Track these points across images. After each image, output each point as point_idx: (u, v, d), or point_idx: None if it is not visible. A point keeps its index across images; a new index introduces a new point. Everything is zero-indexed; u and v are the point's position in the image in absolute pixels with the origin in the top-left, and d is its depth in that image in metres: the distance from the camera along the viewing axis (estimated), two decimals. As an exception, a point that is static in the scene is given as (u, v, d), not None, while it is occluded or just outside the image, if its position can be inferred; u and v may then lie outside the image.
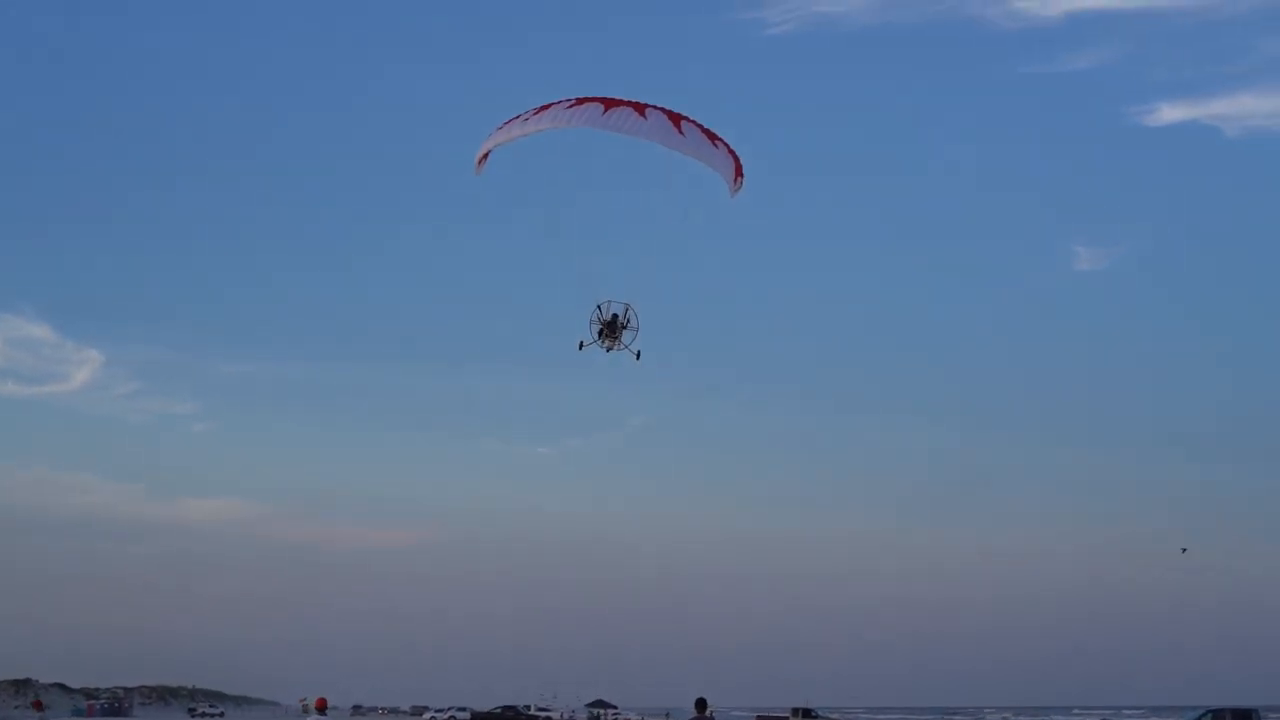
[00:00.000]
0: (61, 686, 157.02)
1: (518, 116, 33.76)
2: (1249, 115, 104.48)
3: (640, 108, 31.71)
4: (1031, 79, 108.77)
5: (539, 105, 33.33)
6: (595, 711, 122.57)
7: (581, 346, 38.18)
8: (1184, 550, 77.78)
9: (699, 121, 32.14)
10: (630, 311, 37.93)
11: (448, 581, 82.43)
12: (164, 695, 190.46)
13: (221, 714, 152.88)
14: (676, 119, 32.01)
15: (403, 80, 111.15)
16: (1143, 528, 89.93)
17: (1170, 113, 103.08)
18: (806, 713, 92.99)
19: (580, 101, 32.47)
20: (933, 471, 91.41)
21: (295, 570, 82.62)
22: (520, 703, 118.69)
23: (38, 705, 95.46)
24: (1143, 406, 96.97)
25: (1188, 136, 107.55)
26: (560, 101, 33.01)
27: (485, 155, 33.95)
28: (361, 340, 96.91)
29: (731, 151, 32.68)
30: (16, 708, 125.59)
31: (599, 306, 38.04)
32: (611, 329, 38.19)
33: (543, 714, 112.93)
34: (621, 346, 38.34)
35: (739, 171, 33.19)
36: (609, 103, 31.96)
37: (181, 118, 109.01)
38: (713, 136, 32.47)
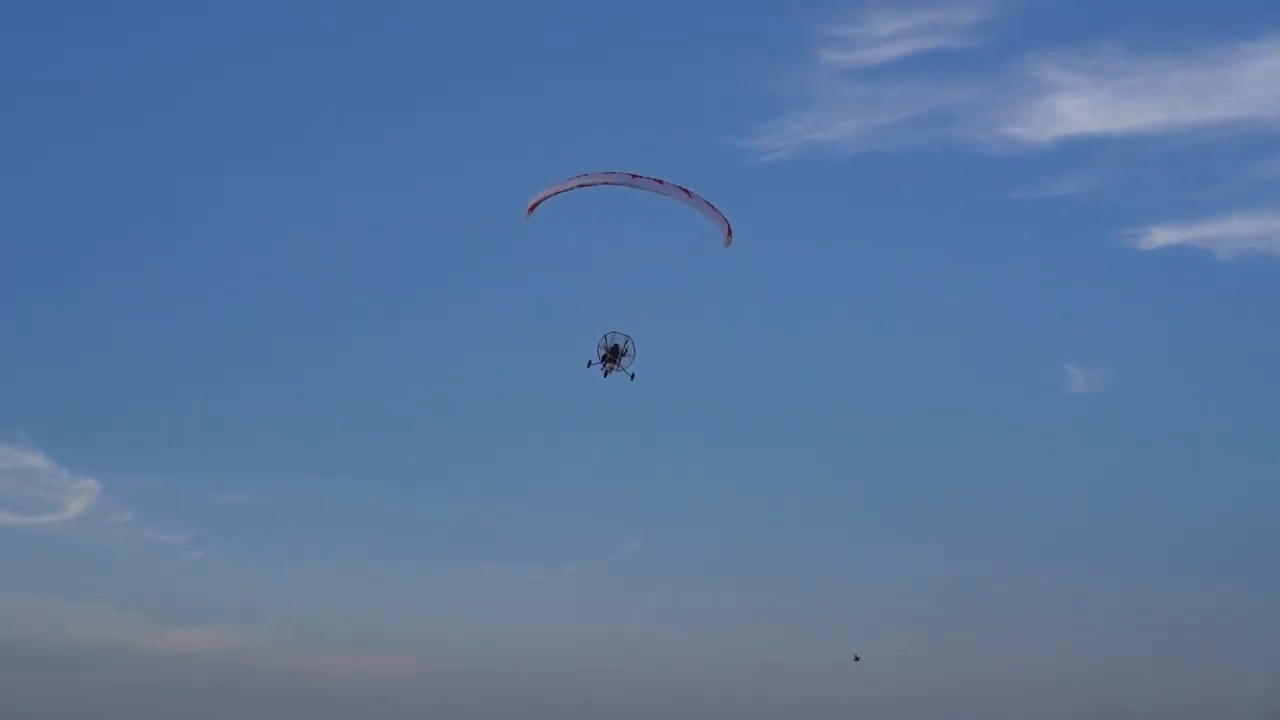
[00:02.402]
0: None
1: (562, 181, 43.79)
2: (1240, 238, 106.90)
3: (660, 180, 41.78)
4: (1022, 204, 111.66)
5: (577, 174, 43.34)
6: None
7: (590, 365, 47.67)
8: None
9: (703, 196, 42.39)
10: (630, 342, 47.51)
11: (445, 709, 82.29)
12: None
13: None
14: (688, 190, 42.14)
15: (387, 198, 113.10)
16: (1142, 651, 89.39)
17: (1162, 236, 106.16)
18: None
19: (611, 172, 42.52)
20: (932, 598, 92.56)
21: (289, 699, 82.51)
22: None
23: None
24: (1140, 527, 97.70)
25: (1180, 259, 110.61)
26: (594, 172, 43.05)
27: (534, 206, 43.85)
28: (356, 464, 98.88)
29: (726, 219, 42.89)
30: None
31: (605, 335, 47.61)
32: (614, 355, 47.73)
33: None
34: (619, 370, 47.91)
35: (730, 232, 43.43)
36: (635, 175, 42.07)
37: (176, 244, 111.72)
38: (714, 206, 42.62)
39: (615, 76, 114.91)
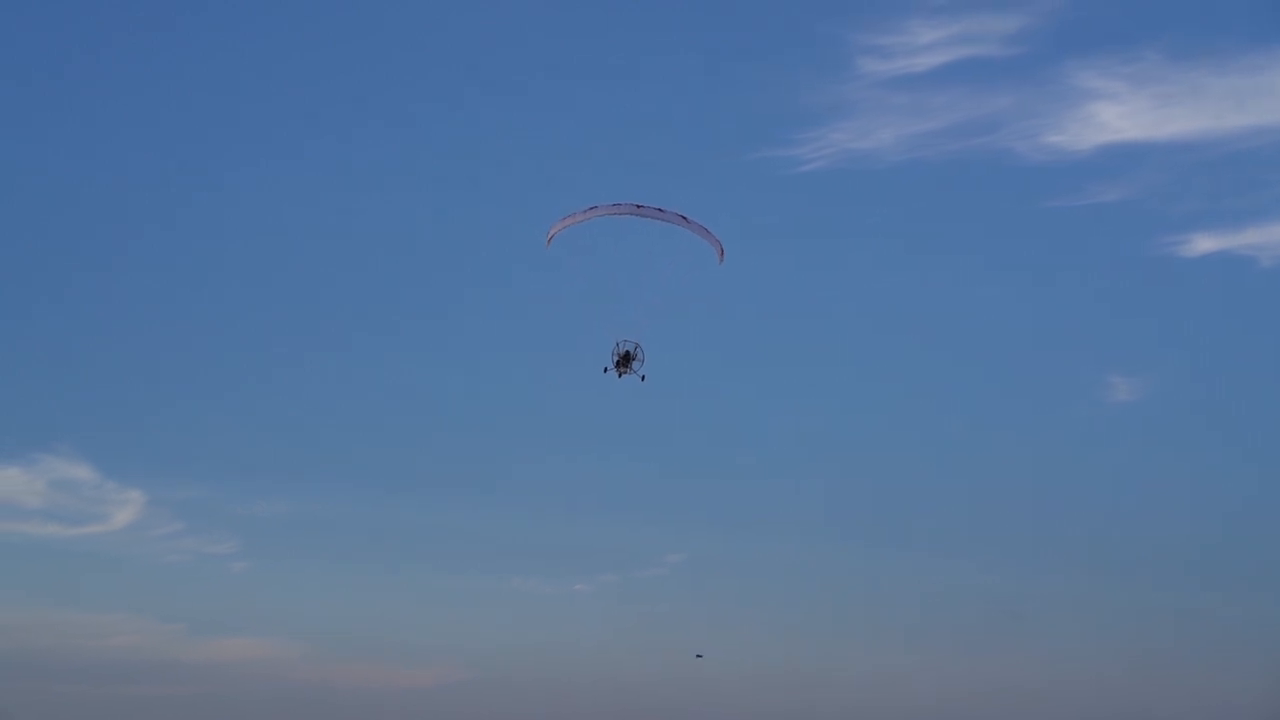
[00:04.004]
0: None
1: (573, 212, 50.61)
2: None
3: (661, 209, 48.60)
4: (1063, 212, 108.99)
5: (589, 206, 50.21)
6: None
7: (606, 371, 54.24)
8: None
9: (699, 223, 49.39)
10: (639, 348, 54.15)
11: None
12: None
13: None
14: (685, 217, 48.94)
15: (433, 213, 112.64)
16: (1193, 660, 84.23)
17: (1204, 243, 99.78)
18: None
19: (618, 204, 49.43)
20: (975, 609, 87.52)
21: (330, 709, 79.02)
22: None
23: None
24: (1183, 536, 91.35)
25: (1222, 266, 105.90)
26: (604, 204, 49.92)
27: (551, 237, 50.67)
28: (398, 477, 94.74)
29: (719, 241, 49.85)
30: None
31: (617, 343, 54.17)
32: (626, 360, 54.27)
33: None
34: (630, 372, 54.48)
35: (722, 252, 50.37)
36: (639, 205, 48.97)
37: (222, 256, 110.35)
38: (708, 230, 49.51)
39: (656, 88, 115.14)
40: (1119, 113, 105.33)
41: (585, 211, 49.51)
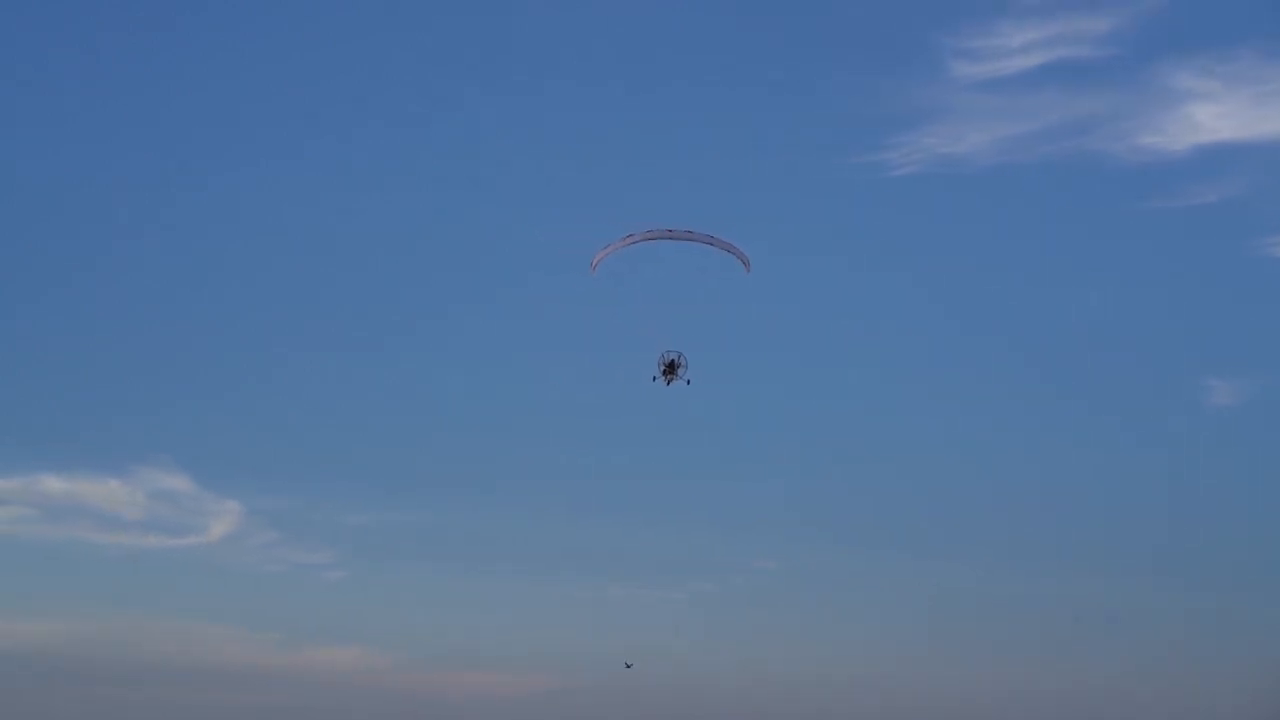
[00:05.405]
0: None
1: (612, 242, 56.75)
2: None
3: (690, 231, 54.77)
4: (1159, 213, 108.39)
5: (627, 234, 56.33)
6: None
7: (655, 379, 60.17)
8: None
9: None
10: (682, 356, 60.04)
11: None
12: None
13: None
14: (713, 237, 55.06)
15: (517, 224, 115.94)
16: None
17: None
18: None
19: (651, 231, 55.59)
20: (1074, 617, 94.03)
21: (424, 717, 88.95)
22: None
23: None
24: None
25: None
26: (638, 232, 56.12)
27: (596, 264, 56.87)
28: (493, 487, 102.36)
29: (744, 254, 55.79)
30: None
31: (663, 353, 60.13)
32: (672, 368, 60.18)
33: None
34: (677, 379, 60.38)
35: (748, 264, 56.27)
36: (670, 230, 55.09)
37: (310, 274, 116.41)
38: (733, 245, 55.47)
39: (747, 93, 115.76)
40: (1215, 112, 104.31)
41: (623, 239, 55.71)
